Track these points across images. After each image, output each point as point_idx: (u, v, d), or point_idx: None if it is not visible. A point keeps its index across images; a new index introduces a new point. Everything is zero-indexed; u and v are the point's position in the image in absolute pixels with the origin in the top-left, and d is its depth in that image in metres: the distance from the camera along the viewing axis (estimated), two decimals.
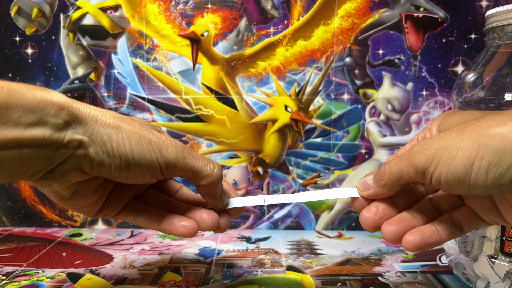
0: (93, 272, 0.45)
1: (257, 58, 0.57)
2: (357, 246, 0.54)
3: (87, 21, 0.57)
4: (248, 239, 0.56)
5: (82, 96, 0.58)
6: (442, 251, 0.51)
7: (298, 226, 0.61)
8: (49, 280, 0.43)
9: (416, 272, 0.46)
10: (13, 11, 0.56)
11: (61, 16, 0.57)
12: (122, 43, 0.57)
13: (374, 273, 0.46)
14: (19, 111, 0.24)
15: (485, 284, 0.40)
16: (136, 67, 0.58)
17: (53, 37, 0.57)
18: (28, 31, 0.57)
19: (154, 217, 0.34)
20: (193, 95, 0.58)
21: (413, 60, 0.57)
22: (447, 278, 0.45)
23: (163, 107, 0.58)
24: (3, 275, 0.44)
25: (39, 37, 0.57)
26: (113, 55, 0.57)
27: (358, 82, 0.57)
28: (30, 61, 0.57)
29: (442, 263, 0.49)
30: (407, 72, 0.57)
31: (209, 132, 0.58)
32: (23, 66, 0.57)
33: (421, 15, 0.56)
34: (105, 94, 0.58)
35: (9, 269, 0.46)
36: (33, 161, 0.26)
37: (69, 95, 0.58)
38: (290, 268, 0.47)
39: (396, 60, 0.57)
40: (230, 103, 0.58)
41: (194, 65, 0.57)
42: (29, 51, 0.57)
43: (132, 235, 0.58)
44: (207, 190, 0.33)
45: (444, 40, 0.56)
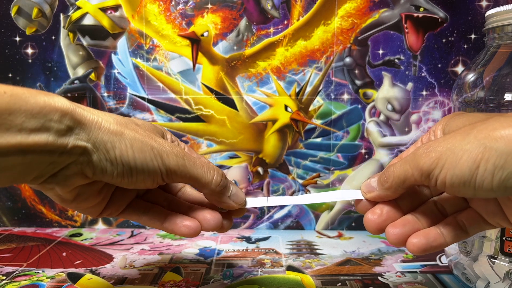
0: (93, 272, 0.45)
1: (257, 58, 0.57)
2: (357, 246, 0.54)
3: (87, 21, 0.57)
4: (248, 239, 0.56)
5: (82, 96, 0.58)
6: (442, 251, 0.51)
7: (298, 226, 0.61)
8: (49, 280, 0.43)
9: (416, 272, 0.46)
10: (13, 11, 0.56)
11: (61, 16, 0.57)
12: (122, 43, 0.57)
13: (374, 273, 0.46)
14: (22, 116, 0.24)
15: (485, 284, 0.40)
16: (136, 67, 0.58)
17: (53, 37, 0.57)
18: (28, 31, 0.57)
19: (157, 216, 0.34)
20: (193, 95, 0.58)
21: (413, 60, 0.57)
22: (447, 278, 0.45)
23: (163, 107, 0.58)
24: (3, 275, 0.44)
25: (39, 37, 0.57)
26: (113, 55, 0.57)
27: (358, 82, 0.57)
28: (30, 61, 0.57)
29: (442, 263, 0.49)
30: (407, 72, 0.57)
31: (209, 132, 0.58)
32: (23, 66, 0.57)
33: (421, 15, 0.56)
34: (105, 94, 0.58)
35: (9, 269, 0.46)
36: (35, 166, 0.26)
37: (69, 95, 0.58)
38: (290, 268, 0.47)
39: (396, 60, 0.57)
40: (230, 103, 0.58)
41: (194, 65, 0.57)
42: (29, 51, 0.57)
43: (132, 235, 0.58)
44: (211, 196, 0.34)
45: (444, 40, 0.56)
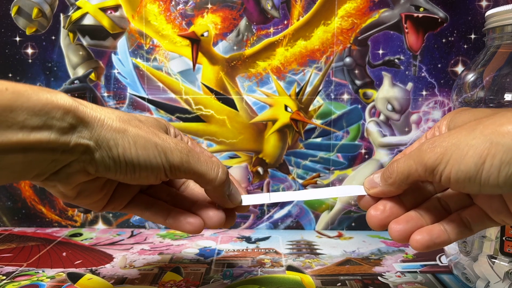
0: (93, 272, 0.45)
1: (257, 58, 0.57)
2: (357, 246, 0.54)
3: (87, 21, 0.57)
4: (248, 239, 0.57)
5: (82, 96, 0.58)
6: (442, 251, 0.51)
7: (298, 226, 0.61)
8: (49, 280, 0.43)
9: (416, 272, 0.46)
10: (13, 11, 0.56)
11: (61, 16, 0.57)
12: (122, 43, 0.57)
13: (374, 273, 0.46)
14: (24, 114, 0.24)
15: (485, 284, 0.40)
16: (136, 67, 0.58)
17: (53, 37, 0.57)
18: (28, 31, 0.57)
19: (160, 212, 0.34)
20: (193, 95, 0.58)
21: (413, 60, 0.57)
22: (447, 278, 0.45)
23: (163, 107, 0.58)
24: (3, 275, 0.44)
25: (39, 37, 0.57)
26: (113, 55, 0.57)
27: (358, 82, 0.57)
28: (30, 61, 0.57)
29: (442, 263, 0.49)
30: (407, 72, 0.57)
31: (209, 132, 0.58)
32: (23, 66, 0.57)
33: (421, 15, 0.56)
34: (105, 94, 0.58)
35: (9, 269, 0.46)
36: (37, 164, 0.26)
37: (69, 95, 0.58)
38: (290, 268, 0.47)
39: (396, 60, 0.57)
40: (230, 103, 0.58)
41: (194, 65, 0.57)
42: (29, 51, 0.57)
43: (132, 235, 0.58)
44: (212, 192, 0.33)
45: (444, 40, 0.56)
